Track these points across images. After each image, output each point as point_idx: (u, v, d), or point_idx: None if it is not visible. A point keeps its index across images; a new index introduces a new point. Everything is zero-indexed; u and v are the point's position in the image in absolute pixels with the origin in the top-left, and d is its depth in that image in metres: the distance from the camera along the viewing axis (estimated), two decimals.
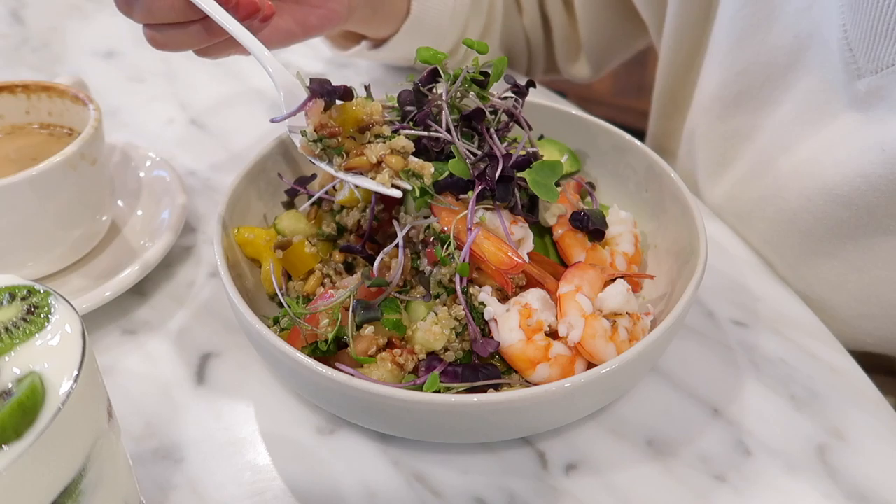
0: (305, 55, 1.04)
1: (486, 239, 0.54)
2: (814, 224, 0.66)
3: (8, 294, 0.38)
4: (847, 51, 0.61)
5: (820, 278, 0.68)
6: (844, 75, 0.62)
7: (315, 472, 0.53)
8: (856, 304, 0.67)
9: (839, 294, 0.67)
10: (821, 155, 0.64)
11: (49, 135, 0.69)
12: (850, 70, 0.61)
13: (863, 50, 0.60)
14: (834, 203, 0.63)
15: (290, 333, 0.54)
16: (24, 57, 1.05)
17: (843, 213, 0.63)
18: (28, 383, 0.33)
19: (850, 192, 0.62)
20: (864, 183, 0.60)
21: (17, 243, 0.63)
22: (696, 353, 0.62)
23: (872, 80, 0.60)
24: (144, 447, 0.55)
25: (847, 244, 0.65)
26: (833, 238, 0.65)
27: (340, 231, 0.61)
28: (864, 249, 0.64)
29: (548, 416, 0.51)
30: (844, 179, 0.62)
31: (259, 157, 0.64)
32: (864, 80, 0.61)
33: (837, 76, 0.63)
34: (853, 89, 0.62)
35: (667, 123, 0.93)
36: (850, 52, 0.61)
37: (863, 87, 0.61)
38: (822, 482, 0.53)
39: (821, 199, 0.64)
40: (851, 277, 0.66)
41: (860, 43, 0.60)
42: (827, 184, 0.63)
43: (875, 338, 0.67)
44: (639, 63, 2.02)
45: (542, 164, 0.57)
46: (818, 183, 0.64)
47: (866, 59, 0.60)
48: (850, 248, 0.65)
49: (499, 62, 0.61)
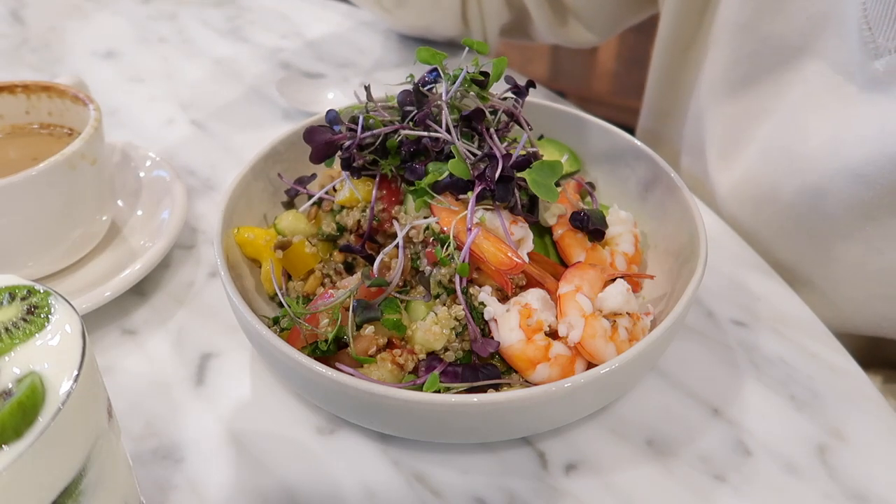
0: (306, 55, 1.05)
1: (486, 239, 0.54)
2: (834, 204, 0.66)
3: (8, 294, 0.38)
4: (866, 30, 0.61)
5: (838, 259, 0.68)
6: (861, 55, 0.62)
7: (315, 472, 0.53)
8: (873, 286, 0.67)
9: (856, 275, 0.67)
10: (842, 135, 0.64)
11: (49, 135, 0.69)
12: (868, 49, 0.62)
13: (882, 28, 0.60)
14: (856, 183, 0.63)
15: (290, 333, 0.54)
16: (24, 57, 1.05)
17: (866, 193, 0.63)
18: (28, 383, 0.33)
19: (874, 172, 0.62)
20: (888, 162, 0.61)
21: (17, 243, 0.62)
22: (696, 353, 0.62)
23: (891, 58, 0.60)
24: (144, 447, 0.55)
25: (867, 225, 0.65)
26: (853, 219, 0.65)
27: (340, 231, 0.61)
28: (884, 230, 0.64)
29: (548, 416, 0.51)
30: (867, 159, 0.62)
31: (259, 157, 0.64)
32: (883, 60, 0.61)
33: (853, 57, 0.63)
34: (870, 69, 0.62)
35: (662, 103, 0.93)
36: (869, 31, 0.61)
37: (881, 67, 0.61)
38: (822, 482, 0.53)
39: (842, 180, 0.64)
40: (870, 258, 0.66)
41: (880, 21, 0.60)
42: (849, 164, 0.63)
43: (890, 321, 0.68)
44: (639, 63, 2.02)
45: (542, 164, 0.57)
46: (840, 163, 0.64)
47: (886, 38, 0.60)
48: (869, 229, 0.65)
49: (499, 62, 0.61)
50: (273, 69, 1.01)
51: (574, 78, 2.30)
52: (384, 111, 0.61)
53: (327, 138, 0.61)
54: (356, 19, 1.14)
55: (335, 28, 1.12)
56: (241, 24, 1.13)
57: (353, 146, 0.59)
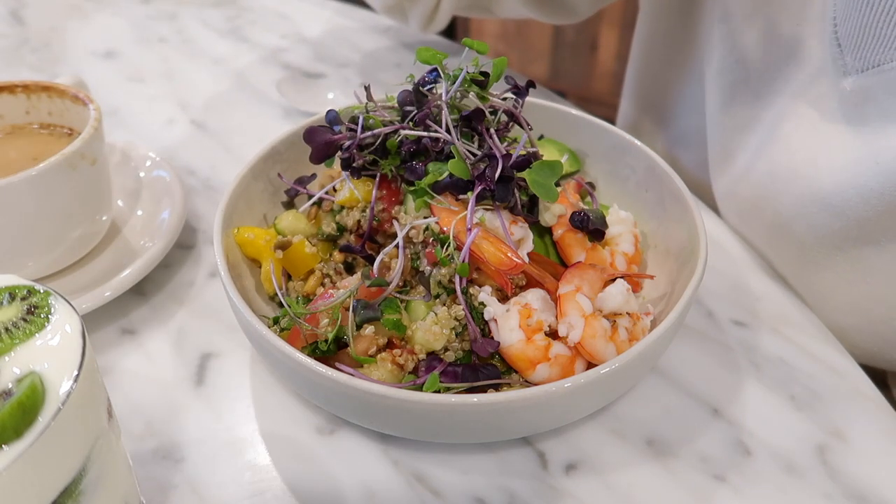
0: (306, 56, 1.05)
1: (486, 239, 0.54)
2: (807, 231, 0.64)
3: (8, 294, 0.38)
4: (836, 46, 0.60)
5: (811, 287, 0.67)
6: (832, 72, 0.61)
7: (315, 472, 0.53)
8: (843, 317, 0.66)
9: (828, 304, 0.66)
10: (817, 159, 0.63)
11: (49, 135, 0.69)
12: (838, 66, 0.60)
13: (850, 47, 0.59)
14: (826, 212, 0.62)
15: (290, 333, 0.54)
16: (24, 57, 1.05)
17: (835, 223, 0.61)
18: (28, 383, 0.33)
19: (842, 203, 0.60)
20: (856, 195, 0.59)
21: (17, 243, 0.62)
22: (696, 353, 0.62)
23: (857, 79, 0.59)
24: (144, 447, 0.55)
25: (837, 255, 0.63)
26: (824, 248, 0.64)
27: (340, 231, 0.61)
28: (853, 262, 0.63)
29: (548, 416, 0.51)
30: (838, 189, 0.60)
31: (259, 157, 0.64)
32: (850, 79, 0.59)
33: (827, 72, 0.62)
34: (839, 87, 0.61)
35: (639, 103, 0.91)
36: (839, 48, 0.60)
37: (848, 86, 0.60)
38: (822, 482, 0.53)
39: (814, 207, 0.63)
40: (841, 289, 0.65)
41: (849, 39, 0.59)
42: (821, 191, 0.62)
43: (862, 350, 0.66)
44: None
45: (542, 164, 0.57)
46: (813, 189, 0.63)
47: (853, 57, 0.59)
48: (839, 259, 0.63)
49: (499, 62, 0.61)
50: (273, 69, 1.01)
51: (574, 78, 2.30)
52: (384, 111, 0.62)
53: (327, 138, 0.61)
54: (356, 19, 1.14)
55: (335, 28, 1.12)
56: (241, 24, 1.13)
57: (353, 146, 0.59)
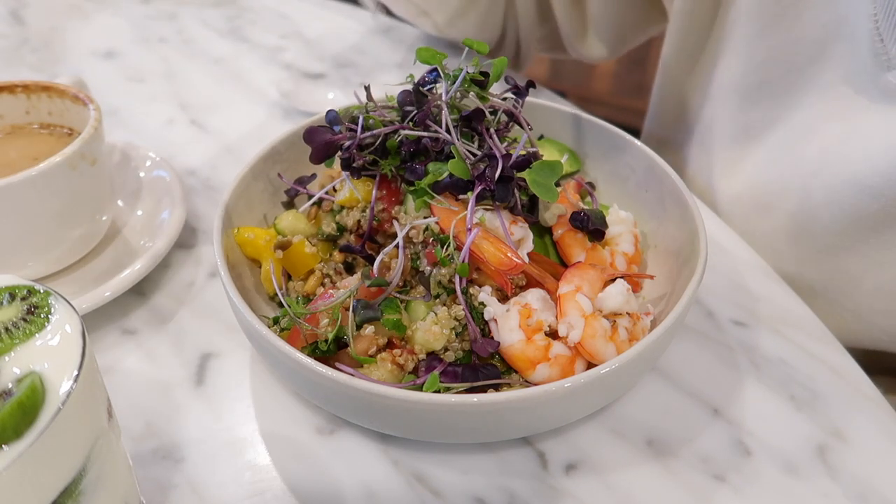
0: (306, 56, 1.05)
1: (486, 239, 0.54)
2: (839, 216, 0.65)
3: (8, 294, 0.38)
4: (878, 41, 0.61)
5: (840, 271, 0.68)
6: (873, 67, 0.62)
7: (315, 472, 0.53)
8: (873, 300, 0.67)
9: (857, 288, 0.67)
10: (850, 146, 0.64)
11: (49, 135, 0.69)
12: (880, 61, 0.61)
13: (894, 40, 0.59)
14: (862, 194, 0.63)
15: (290, 333, 0.54)
16: (24, 57, 1.05)
17: (872, 204, 0.63)
18: (28, 383, 0.33)
19: (881, 182, 0.61)
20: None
21: (17, 243, 0.62)
22: (696, 353, 0.62)
23: None
24: (144, 447, 0.55)
25: (870, 238, 0.64)
26: (856, 231, 0.65)
27: (340, 231, 0.61)
28: (886, 244, 0.64)
29: (548, 416, 0.51)
30: (875, 170, 0.61)
31: (259, 157, 0.64)
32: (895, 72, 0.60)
33: (866, 68, 0.63)
34: (882, 81, 0.61)
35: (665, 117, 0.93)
36: (881, 43, 0.60)
37: (893, 79, 0.60)
38: (822, 482, 0.53)
39: (848, 191, 0.64)
40: (871, 272, 0.66)
41: (892, 32, 0.59)
42: (856, 175, 0.63)
43: (889, 335, 0.67)
44: (639, 63, 2.02)
45: (542, 164, 0.57)
46: (846, 174, 0.64)
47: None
48: (872, 241, 0.65)
49: (499, 62, 0.61)
50: (273, 69, 1.01)
51: (574, 78, 2.30)
52: (384, 111, 0.61)
53: (327, 138, 0.61)
54: (356, 19, 1.14)
55: (335, 28, 1.12)
56: (241, 24, 1.13)
57: (353, 146, 0.59)
